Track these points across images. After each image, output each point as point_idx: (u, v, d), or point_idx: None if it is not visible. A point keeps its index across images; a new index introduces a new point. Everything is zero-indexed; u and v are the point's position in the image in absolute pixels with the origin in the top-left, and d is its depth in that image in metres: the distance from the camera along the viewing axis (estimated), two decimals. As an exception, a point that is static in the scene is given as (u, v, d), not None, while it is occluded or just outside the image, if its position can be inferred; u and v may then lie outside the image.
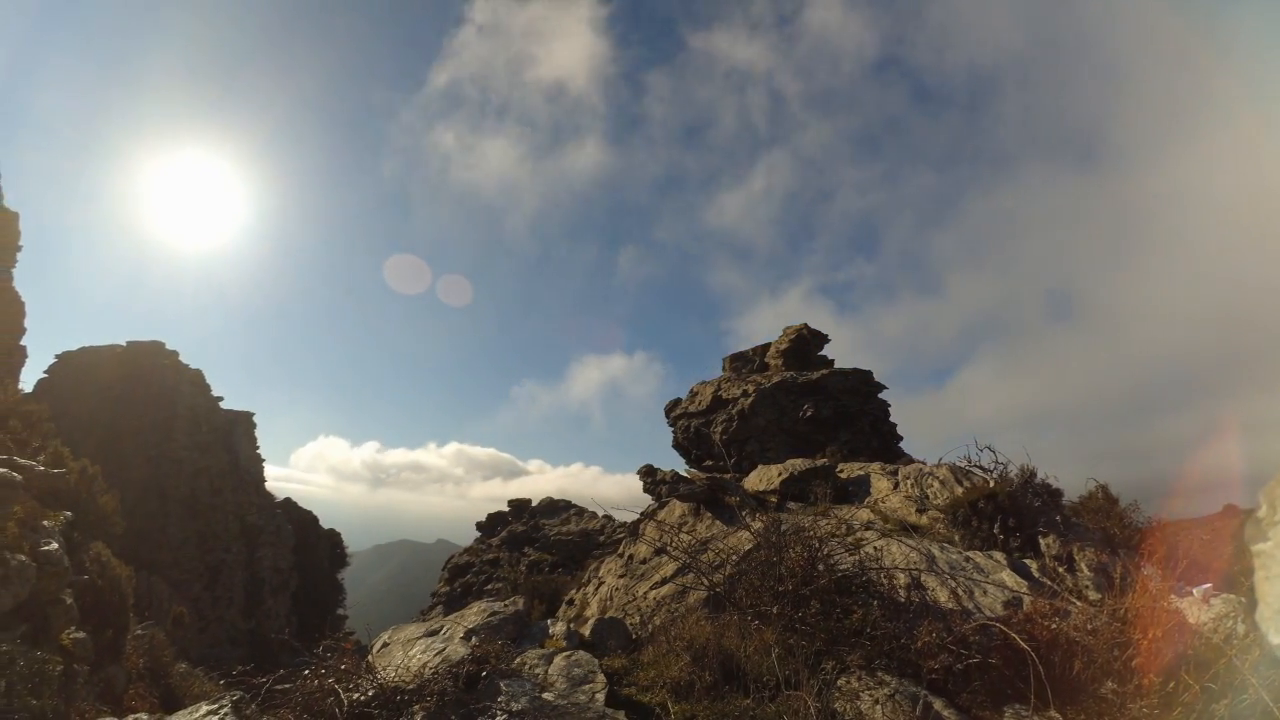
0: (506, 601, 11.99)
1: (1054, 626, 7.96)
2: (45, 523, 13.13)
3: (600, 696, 7.84)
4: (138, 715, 9.86)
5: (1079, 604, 8.83)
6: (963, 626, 8.43)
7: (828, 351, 46.74)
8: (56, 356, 58.75)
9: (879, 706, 7.26)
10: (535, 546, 57.27)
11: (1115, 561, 9.54)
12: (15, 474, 12.41)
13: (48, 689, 9.89)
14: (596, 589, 18.58)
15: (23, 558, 11.35)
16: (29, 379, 55.21)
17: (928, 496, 15.75)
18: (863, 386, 41.80)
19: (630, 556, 18.39)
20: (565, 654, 9.10)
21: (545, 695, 7.79)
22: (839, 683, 7.77)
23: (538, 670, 8.58)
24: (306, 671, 7.85)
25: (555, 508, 64.23)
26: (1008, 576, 10.73)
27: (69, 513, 14.86)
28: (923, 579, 10.69)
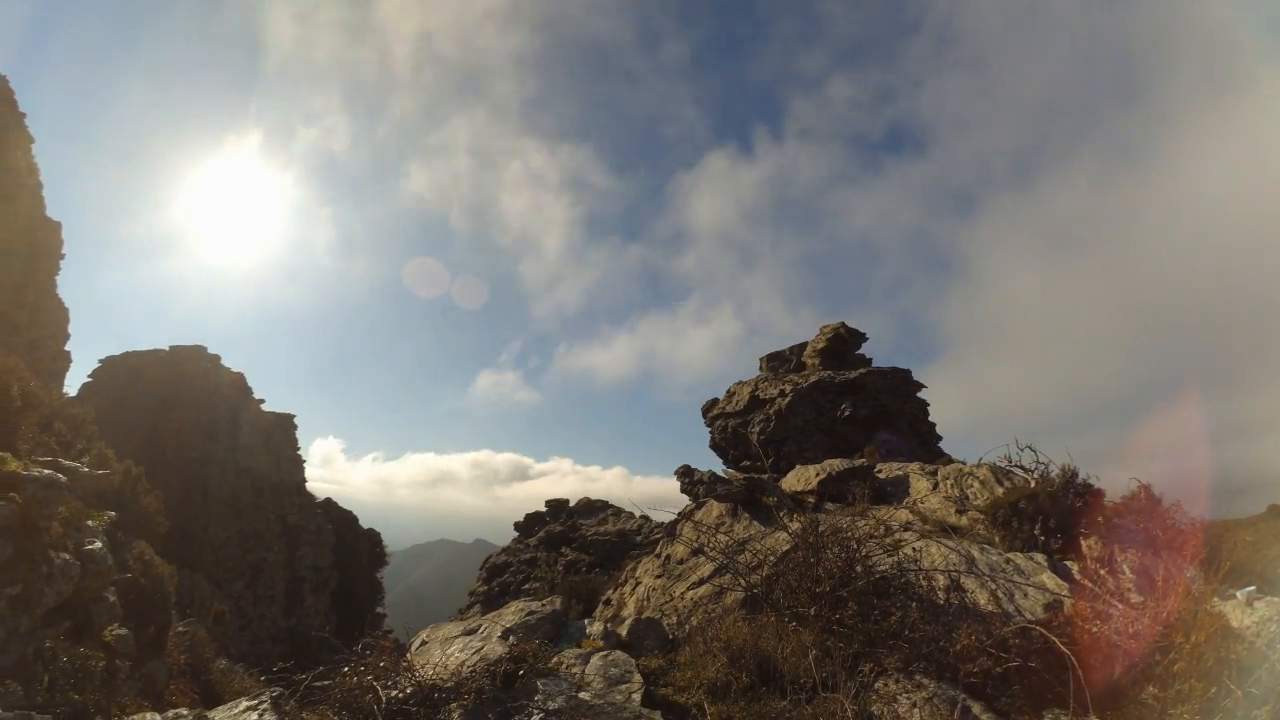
0: (544, 601, 12.07)
1: (1095, 630, 7.87)
2: (89, 522, 13.48)
3: (637, 696, 7.88)
4: (178, 710, 10.08)
5: (1120, 607, 8.70)
6: (1002, 629, 8.36)
7: (865, 350, 46.44)
8: (100, 361, 60.19)
9: (917, 710, 7.23)
10: (572, 546, 57.50)
11: (1158, 563, 9.38)
12: (60, 475, 12.70)
13: (89, 684, 10.17)
14: (633, 589, 18.63)
15: (67, 556, 11.64)
16: (73, 383, 56.62)
17: (968, 497, 15.61)
18: (901, 385, 41.49)
19: (667, 557, 18.41)
20: (602, 654, 9.15)
21: (582, 694, 7.85)
22: (876, 685, 7.75)
23: (574, 669, 8.64)
24: (346, 669, 7.98)
25: (592, 508, 64.44)
26: (1048, 579, 10.61)
27: (113, 513, 15.26)
28: (962, 581, 10.57)
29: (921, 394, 42.03)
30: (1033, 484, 13.75)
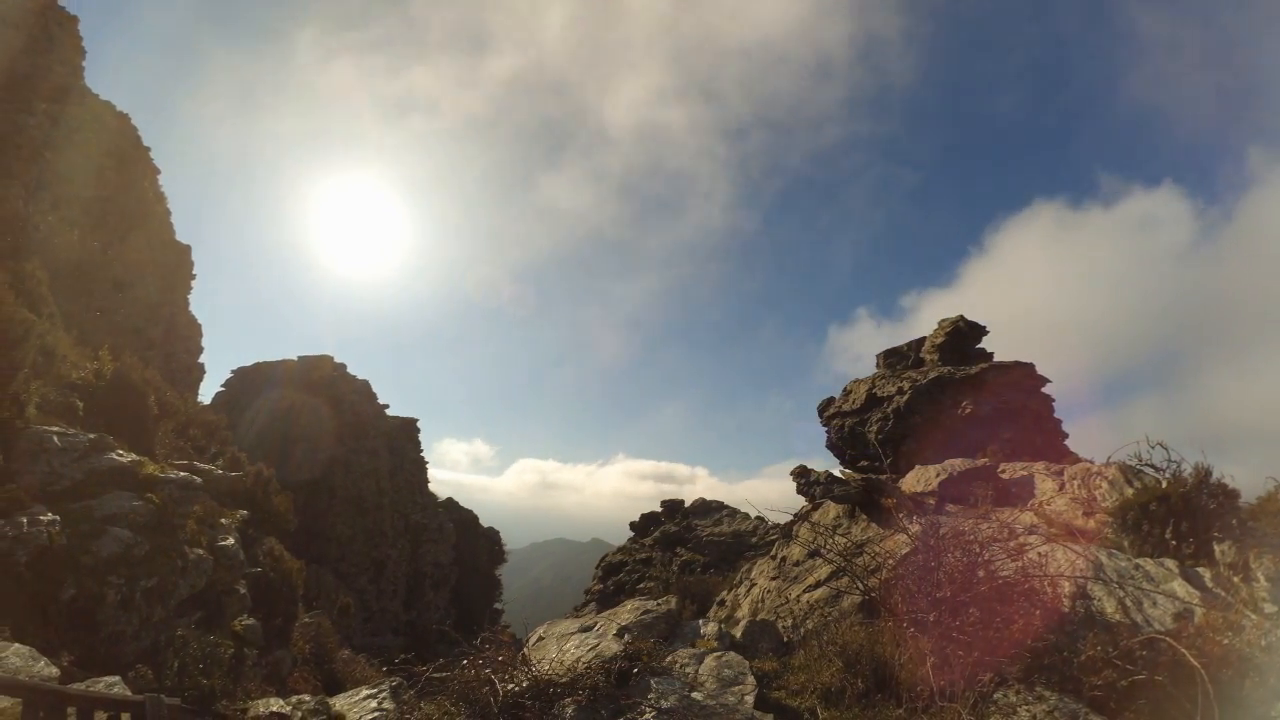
0: (659, 600, 12.31)
1: (1226, 642, 7.53)
2: (223, 520, 14.95)
3: (749, 699, 8.01)
4: (301, 696, 10.93)
5: (1254, 617, 8.31)
6: (1129, 640, 8.10)
7: (986, 344, 44.91)
8: (233, 371, 65.04)
9: (1036, 723, 7.11)
10: (687, 547, 57.66)
11: (1295, 571, 8.94)
12: (195, 477, 14.27)
13: (218, 670, 11.22)
14: (748, 590, 18.71)
15: (201, 552, 13.17)
16: (207, 392, 61.35)
17: (1095, 498, 15.05)
18: (1025, 381, 39.98)
19: (783, 558, 18.41)
20: (716, 654, 9.31)
21: (695, 694, 8.03)
22: (995, 696, 7.65)
23: (688, 669, 8.82)
24: (464, 662, 8.38)
25: (708, 508, 64.45)
26: (1179, 586, 10.16)
27: (245, 511, 16.78)
28: (1089, 588, 10.25)
29: (1046, 389, 40.48)
30: (1164, 484, 13.14)
